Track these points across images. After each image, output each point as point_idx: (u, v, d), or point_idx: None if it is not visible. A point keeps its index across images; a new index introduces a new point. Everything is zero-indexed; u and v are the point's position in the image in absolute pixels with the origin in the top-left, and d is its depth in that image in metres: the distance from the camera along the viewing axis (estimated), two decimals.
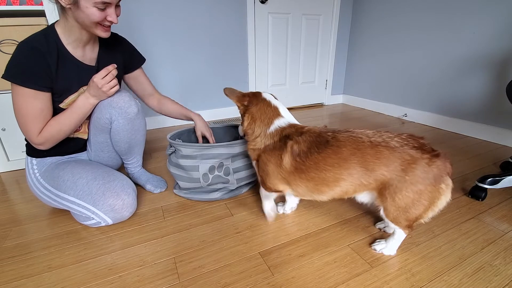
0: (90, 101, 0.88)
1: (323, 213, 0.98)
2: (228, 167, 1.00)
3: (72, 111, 0.87)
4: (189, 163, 0.97)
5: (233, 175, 1.02)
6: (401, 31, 2.10)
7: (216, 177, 0.99)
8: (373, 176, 0.69)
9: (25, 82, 0.77)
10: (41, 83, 0.80)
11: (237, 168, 1.03)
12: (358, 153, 0.69)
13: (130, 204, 0.91)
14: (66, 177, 0.89)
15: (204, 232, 0.89)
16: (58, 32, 0.84)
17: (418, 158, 0.66)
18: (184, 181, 1.01)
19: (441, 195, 0.67)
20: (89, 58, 0.92)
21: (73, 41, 0.86)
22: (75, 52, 0.88)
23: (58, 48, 0.83)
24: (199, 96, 2.15)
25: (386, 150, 0.68)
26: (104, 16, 0.79)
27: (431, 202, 0.68)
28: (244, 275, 0.72)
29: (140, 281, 0.70)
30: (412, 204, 0.68)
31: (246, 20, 2.11)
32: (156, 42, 1.86)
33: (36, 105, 0.81)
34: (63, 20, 0.82)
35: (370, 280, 0.70)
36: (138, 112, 0.97)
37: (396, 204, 0.68)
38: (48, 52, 0.81)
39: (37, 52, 0.79)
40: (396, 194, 0.68)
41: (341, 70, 2.73)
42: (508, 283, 0.68)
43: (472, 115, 1.74)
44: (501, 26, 1.52)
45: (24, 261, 0.78)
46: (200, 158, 0.97)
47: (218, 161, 0.98)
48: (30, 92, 0.79)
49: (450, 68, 1.81)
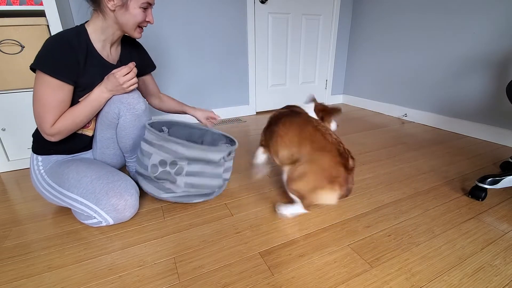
0: (104, 95, 0.90)
1: (323, 213, 0.98)
2: (181, 167, 0.93)
3: (86, 104, 0.89)
4: (147, 148, 0.95)
5: (184, 177, 0.94)
6: (401, 31, 2.10)
7: (165, 173, 0.93)
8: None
9: (54, 72, 0.80)
10: (69, 75, 0.83)
11: (192, 172, 0.95)
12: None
13: (133, 204, 0.91)
14: (70, 175, 0.90)
15: (204, 232, 0.89)
16: (89, 32, 0.88)
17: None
18: (137, 164, 1.00)
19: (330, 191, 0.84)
20: (113, 57, 0.98)
21: (103, 41, 0.91)
22: (102, 51, 0.93)
23: (87, 45, 0.88)
24: (199, 96, 2.15)
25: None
26: (145, 17, 0.89)
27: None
28: (244, 275, 0.72)
29: (140, 281, 0.70)
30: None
31: (246, 20, 2.11)
32: (155, 42, 1.87)
33: (58, 96, 0.83)
34: (99, 21, 0.88)
35: (370, 280, 0.70)
36: (145, 109, 1.00)
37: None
38: (79, 47, 0.85)
39: (69, 46, 0.82)
40: None
41: (341, 70, 2.73)
42: (508, 283, 0.68)
43: (472, 115, 1.74)
44: (501, 26, 1.53)
45: (24, 261, 0.78)
46: (157, 148, 0.92)
47: (171, 158, 0.92)
48: (56, 83, 0.81)
49: (450, 68, 1.81)
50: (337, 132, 1.11)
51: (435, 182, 1.18)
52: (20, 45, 1.22)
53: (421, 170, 1.30)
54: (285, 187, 0.94)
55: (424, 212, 0.97)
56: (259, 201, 1.06)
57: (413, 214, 0.96)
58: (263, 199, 1.07)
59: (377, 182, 1.19)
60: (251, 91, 2.34)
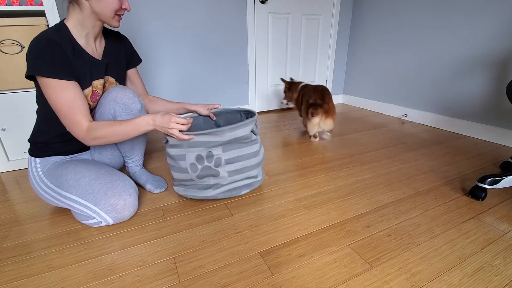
0: (149, 127, 0.87)
1: (323, 213, 0.98)
2: (219, 157, 0.94)
3: (129, 123, 0.86)
4: (176, 152, 0.95)
5: (225, 167, 0.96)
6: (401, 31, 2.10)
7: (206, 168, 0.95)
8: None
9: (53, 73, 0.78)
10: (67, 72, 0.81)
11: (231, 159, 0.96)
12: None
13: (132, 204, 0.91)
14: (68, 176, 0.90)
15: (204, 232, 0.89)
16: (69, 27, 0.86)
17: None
18: (175, 171, 1.00)
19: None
20: (98, 53, 0.95)
21: (85, 36, 0.89)
22: (87, 47, 0.91)
23: (72, 42, 0.85)
24: (199, 96, 2.15)
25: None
26: (121, 4, 0.86)
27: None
28: (244, 275, 0.72)
29: (140, 281, 0.70)
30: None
31: (246, 20, 2.11)
32: (155, 42, 1.87)
33: (69, 96, 0.81)
34: (76, 13, 0.85)
35: (370, 280, 0.70)
36: (141, 109, 0.99)
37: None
38: (64, 43, 0.82)
39: (53, 43, 0.79)
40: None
41: (341, 70, 2.73)
42: (508, 283, 0.68)
43: (472, 115, 1.74)
44: (501, 26, 1.53)
45: (24, 261, 0.78)
46: (187, 146, 0.93)
47: (205, 149, 0.93)
48: (60, 83, 0.80)
49: (450, 68, 1.81)
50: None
51: (435, 182, 1.18)
52: (20, 45, 1.22)
53: (421, 170, 1.30)
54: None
55: (424, 212, 0.97)
56: (259, 201, 1.06)
57: (413, 214, 0.96)
58: (264, 199, 1.07)
59: (377, 182, 1.19)
60: (251, 91, 2.34)
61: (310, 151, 1.56)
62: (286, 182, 1.20)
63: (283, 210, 1.00)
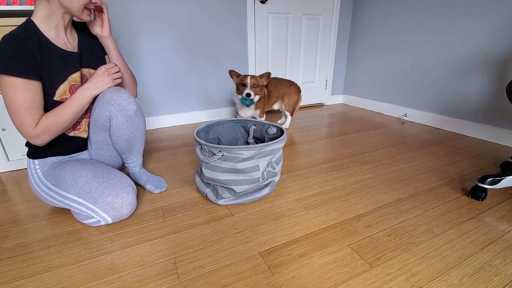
0: (88, 92, 0.89)
1: (323, 213, 0.98)
2: (271, 160, 1.05)
3: (70, 102, 0.87)
4: (248, 164, 0.96)
5: (278, 166, 1.08)
6: (401, 31, 2.10)
7: (268, 172, 1.03)
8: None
9: (14, 71, 0.75)
10: (29, 71, 0.78)
11: (278, 159, 1.08)
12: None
13: (129, 202, 0.91)
14: (66, 175, 0.90)
15: (204, 232, 0.89)
16: (36, 23, 0.83)
17: (291, 84, 1.92)
18: (242, 185, 0.98)
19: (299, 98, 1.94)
20: (71, 45, 0.93)
21: (53, 28, 0.86)
22: (57, 40, 0.87)
23: (38, 37, 0.82)
24: (199, 96, 2.15)
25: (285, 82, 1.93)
26: None
27: (297, 101, 1.96)
28: (244, 275, 0.72)
29: (140, 281, 0.70)
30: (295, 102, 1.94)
31: (246, 20, 2.11)
32: (155, 42, 1.86)
33: (27, 96, 0.79)
34: (43, 7, 0.82)
35: (370, 280, 0.70)
36: (137, 110, 0.98)
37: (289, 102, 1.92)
38: (30, 40, 0.79)
39: (18, 40, 0.77)
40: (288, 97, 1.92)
41: (341, 70, 2.73)
42: (508, 283, 0.68)
43: (472, 115, 1.74)
44: (501, 26, 1.53)
45: (24, 261, 0.78)
46: (258, 157, 0.97)
47: (271, 156, 1.02)
48: (20, 82, 0.77)
49: (450, 68, 1.81)
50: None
51: (435, 182, 1.18)
52: None
53: (421, 170, 1.30)
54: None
55: (424, 212, 0.97)
56: (259, 201, 1.06)
57: (413, 214, 0.96)
58: (263, 199, 1.07)
59: (377, 182, 1.19)
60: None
61: (310, 151, 1.56)
62: (286, 182, 1.20)
63: (283, 210, 1.00)
